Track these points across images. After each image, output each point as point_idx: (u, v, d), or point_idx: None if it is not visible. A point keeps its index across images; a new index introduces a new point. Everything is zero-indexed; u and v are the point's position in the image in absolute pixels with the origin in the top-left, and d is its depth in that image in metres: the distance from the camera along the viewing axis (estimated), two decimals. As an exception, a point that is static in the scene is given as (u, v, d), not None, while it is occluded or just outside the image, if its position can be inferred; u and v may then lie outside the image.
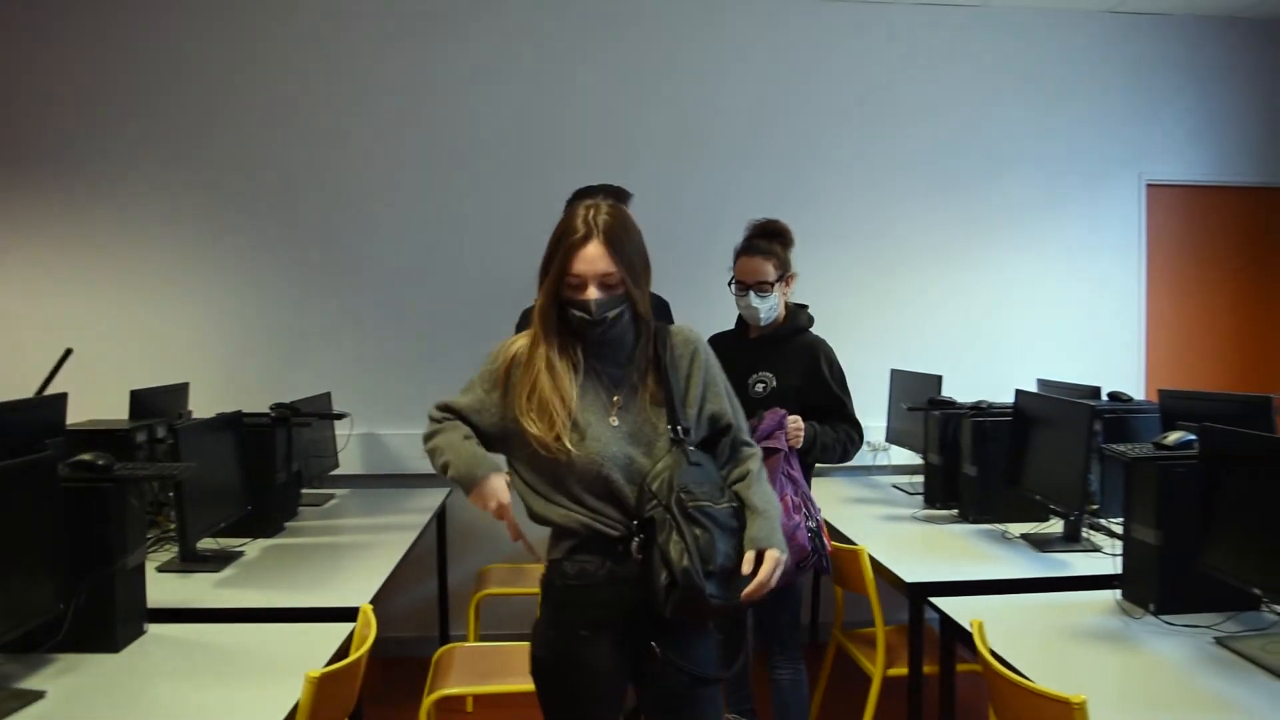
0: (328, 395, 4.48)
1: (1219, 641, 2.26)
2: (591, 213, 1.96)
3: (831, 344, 3.30)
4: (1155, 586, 2.51)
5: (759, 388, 3.20)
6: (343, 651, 2.30)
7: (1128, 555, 2.67)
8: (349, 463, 4.58)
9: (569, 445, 1.92)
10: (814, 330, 3.34)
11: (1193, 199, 5.26)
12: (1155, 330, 5.26)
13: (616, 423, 1.98)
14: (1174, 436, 2.70)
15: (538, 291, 3.11)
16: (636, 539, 1.93)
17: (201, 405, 4.27)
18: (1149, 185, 5.17)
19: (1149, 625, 2.42)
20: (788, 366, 3.21)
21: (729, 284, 3.24)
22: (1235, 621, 2.39)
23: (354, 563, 3.13)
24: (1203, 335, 5.31)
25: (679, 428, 1.98)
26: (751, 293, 3.17)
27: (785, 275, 3.22)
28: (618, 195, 3.34)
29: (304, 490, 4.02)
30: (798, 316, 3.33)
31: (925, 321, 5.06)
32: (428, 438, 2.07)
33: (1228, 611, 2.43)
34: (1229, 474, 2.39)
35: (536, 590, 2.10)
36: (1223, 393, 4.47)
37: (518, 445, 2.02)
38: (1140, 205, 5.19)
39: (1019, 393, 3.68)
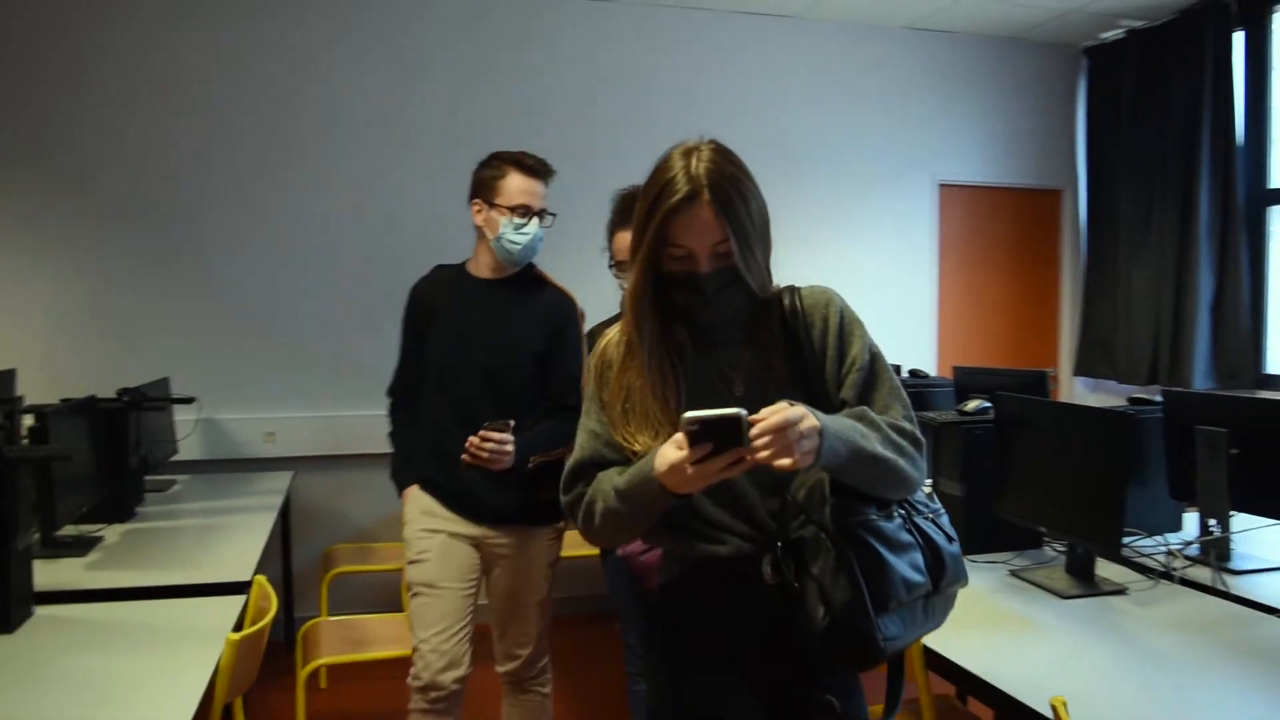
0: (167, 380, 4.42)
1: (1013, 573, 2.70)
2: (694, 161, 1.52)
3: None
4: (961, 531, 2.94)
5: None
6: (239, 624, 2.40)
7: (936, 507, 3.09)
8: (187, 449, 4.54)
9: None
10: None
11: (978, 198, 5.89)
12: (946, 313, 5.86)
13: None
14: (973, 404, 3.15)
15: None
16: (770, 563, 1.54)
17: (32, 391, 4.14)
18: (941, 185, 5.77)
19: (956, 564, 2.85)
20: None
21: (609, 265, 2.92)
22: (1024, 557, 2.85)
23: (223, 542, 3.19)
24: (986, 317, 5.97)
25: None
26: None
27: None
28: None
29: (146, 477, 3.98)
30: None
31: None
32: (591, 524, 1.61)
33: (1019, 550, 2.89)
34: (1017, 435, 2.84)
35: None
36: (1006, 368, 5.11)
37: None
38: (933, 203, 5.77)
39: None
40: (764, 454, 1.34)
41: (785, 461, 1.34)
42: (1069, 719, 1.65)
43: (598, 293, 3.17)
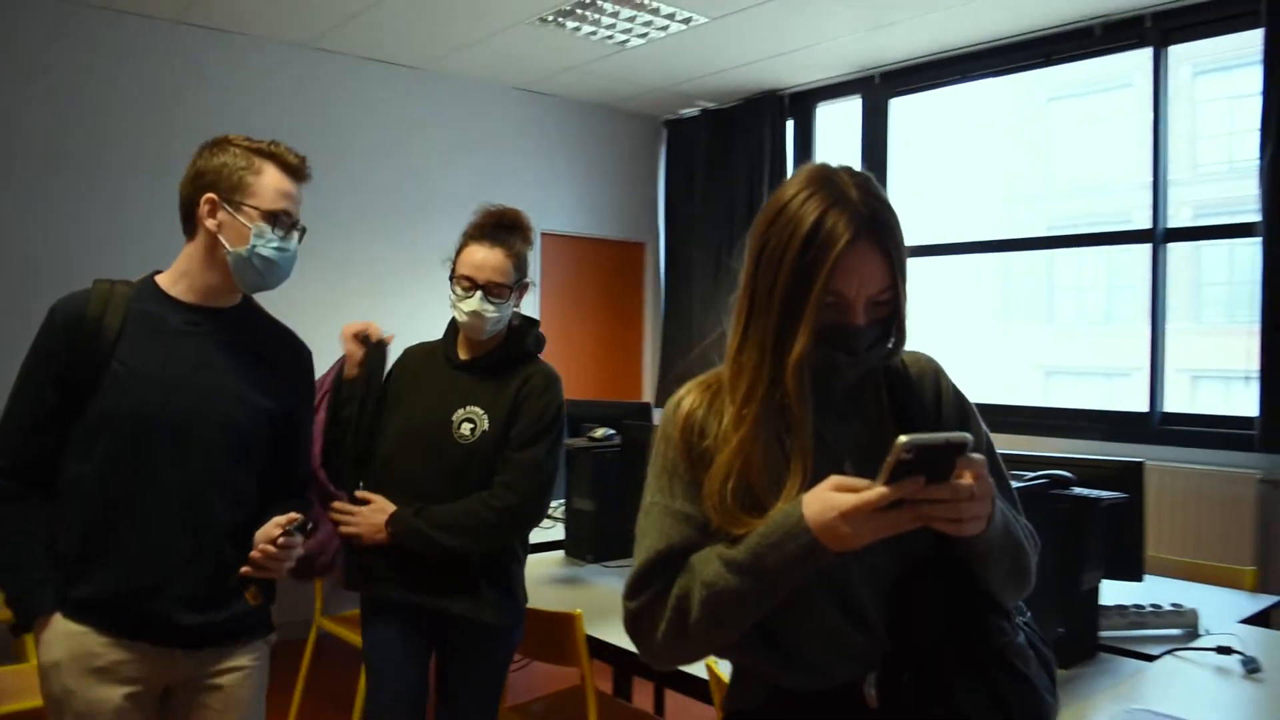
0: None
1: (641, 575, 3.15)
2: (855, 193, 1.27)
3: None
4: (592, 542, 3.37)
5: (465, 429, 2.45)
6: None
7: (570, 523, 3.50)
8: None
9: None
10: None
11: (576, 247, 6.51)
12: (549, 350, 6.37)
13: None
14: (600, 432, 3.60)
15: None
16: (875, 682, 1.27)
17: None
18: (544, 234, 6.30)
19: (593, 569, 3.27)
20: (500, 403, 2.47)
21: (450, 277, 2.51)
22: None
23: None
24: (583, 353, 6.58)
25: None
26: (481, 294, 2.43)
27: (522, 282, 2.53)
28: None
29: None
30: (524, 336, 2.60)
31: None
32: (681, 625, 1.29)
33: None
34: (639, 456, 3.31)
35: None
36: (608, 400, 5.71)
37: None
38: (536, 249, 6.28)
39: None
40: (938, 510, 1.14)
41: (959, 524, 1.15)
42: (723, 675, 2.00)
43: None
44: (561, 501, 3.56)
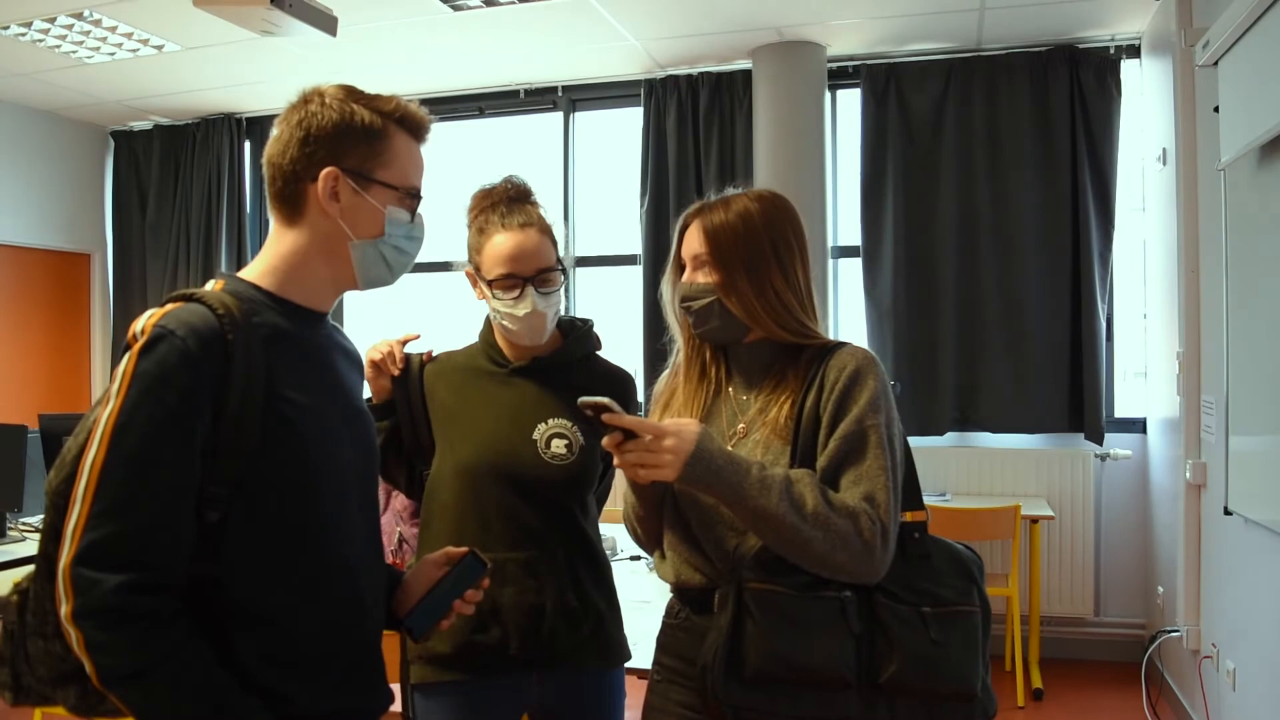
0: None
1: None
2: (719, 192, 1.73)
3: None
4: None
5: (558, 446, 1.99)
6: None
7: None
8: None
9: None
10: None
11: (13, 257, 6.17)
12: (-15, 367, 5.99)
13: None
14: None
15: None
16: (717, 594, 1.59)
17: None
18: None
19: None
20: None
21: (487, 282, 1.99)
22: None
23: None
24: (27, 365, 6.26)
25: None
26: (531, 288, 1.96)
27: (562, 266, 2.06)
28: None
29: None
30: (578, 327, 2.13)
31: None
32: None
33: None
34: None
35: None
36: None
37: None
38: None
39: None
40: (629, 457, 1.48)
41: (642, 472, 1.48)
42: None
43: None
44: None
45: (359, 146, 1.43)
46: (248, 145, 6.40)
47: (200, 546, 1.29)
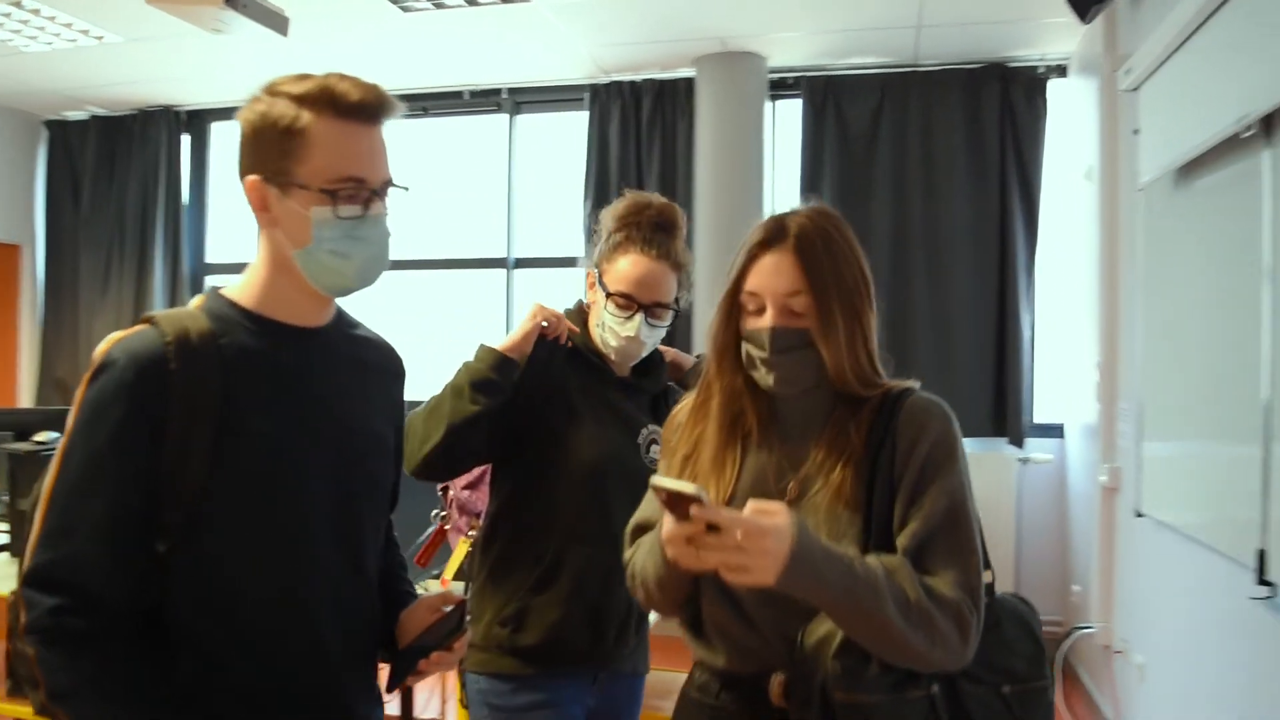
0: None
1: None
2: (791, 214, 1.47)
3: None
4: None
5: (656, 452, 1.99)
6: None
7: (14, 523, 3.59)
8: None
9: None
10: None
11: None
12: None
13: None
14: (44, 435, 3.73)
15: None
16: (780, 682, 1.41)
17: None
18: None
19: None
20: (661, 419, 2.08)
21: (608, 295, 2.00)
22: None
23: None
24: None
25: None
26: (642, 316, 1.99)
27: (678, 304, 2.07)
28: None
29: None
30: (660, 366, 2.20)
31: None
32: (631, 583, 1.54)
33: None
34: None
35: None
36: (31, 408, 5.59)
37: None
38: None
39: None
40: (711, 555, 1.23)
41: (731, 574, 1.24)
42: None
43: None
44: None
45: (274, 146, 1.32)
46: (187, 139, 6.33)
47: (149, 574, 1.29)
